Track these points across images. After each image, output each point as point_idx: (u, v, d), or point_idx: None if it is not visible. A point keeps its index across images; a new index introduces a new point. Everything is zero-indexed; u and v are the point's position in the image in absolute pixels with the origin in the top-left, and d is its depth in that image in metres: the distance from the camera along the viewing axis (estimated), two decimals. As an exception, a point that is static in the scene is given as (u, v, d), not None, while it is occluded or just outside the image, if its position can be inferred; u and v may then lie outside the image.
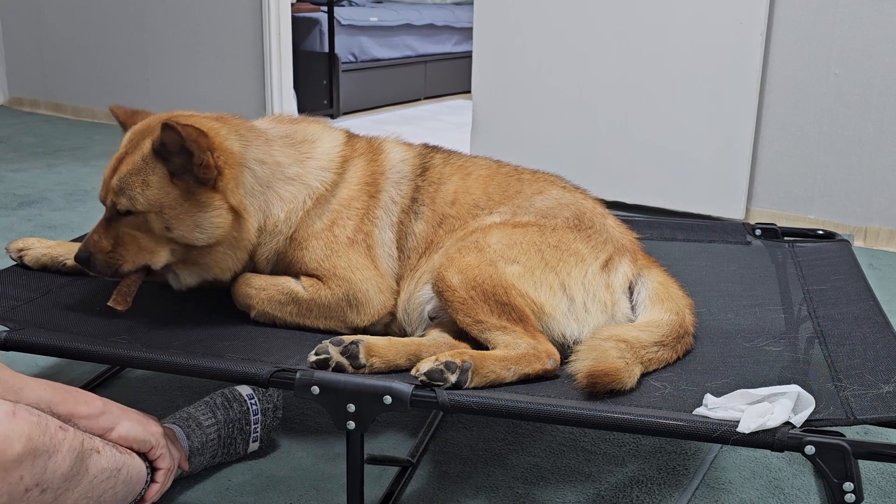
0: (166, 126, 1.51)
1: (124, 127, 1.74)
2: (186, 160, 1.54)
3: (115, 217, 1.60)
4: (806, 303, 1.82)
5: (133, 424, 1.39)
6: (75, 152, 4.50)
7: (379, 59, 6.29)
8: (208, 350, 1.55)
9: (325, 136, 1.79)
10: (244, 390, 1.71)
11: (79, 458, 1.22)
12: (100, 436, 1.34)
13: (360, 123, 5.67)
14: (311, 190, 1.69)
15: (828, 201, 3.42)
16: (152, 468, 1.44)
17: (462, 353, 1.42)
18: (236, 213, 1.61)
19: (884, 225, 3.34)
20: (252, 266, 1.71)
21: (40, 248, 1.89)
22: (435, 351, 1.50)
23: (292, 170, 1.69)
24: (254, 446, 1.72)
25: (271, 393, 1.73)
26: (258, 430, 1.71)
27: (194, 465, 1.62)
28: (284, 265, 1.70)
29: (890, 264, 3.12)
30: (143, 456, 1.42)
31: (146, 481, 1.42)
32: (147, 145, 1.57)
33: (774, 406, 1.25)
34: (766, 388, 1.29)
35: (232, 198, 1.60)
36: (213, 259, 1.64)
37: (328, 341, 1.46)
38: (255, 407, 1.70)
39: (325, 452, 1.78)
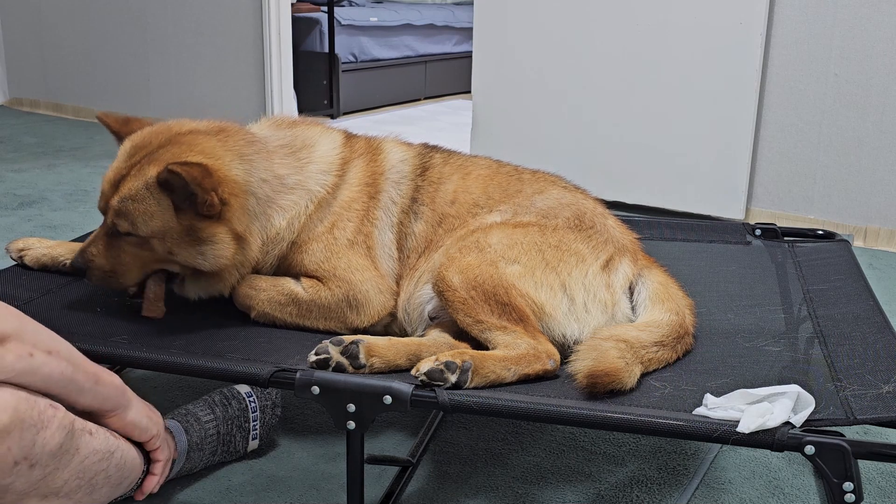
0: (170, 170, 1.49)
1: (117, 135, 1.71)
2: (191, 198, 1.53)
3: (115, 233, 1.59)
4: (806, 303, 1.82)
5: (140, 409, 1.40)
6: (76, 152, 4.51)
7: (379, 59, 6.29)
8: (208, 350, 1.56)
9: (324, 138, 1.78)
10: (242, 388, 1.72)
11: (69, 436, 1.21)
12: (112, 411, 1.34)
13: (360, 124, 5.67)
14: (311, 195, 1.69)
15: (828, 201, 3.42)
16: (149, 460, 1.44)
17: (462, 353, 1.43)
18: (240, 238, 1.60)
19: (883, 225, 3.34)
20: (254, 269, 1.70)
21: (40, 248, 1.89)
22: (435, 351, 1.50)
23: (292, 179, 1.69)
24: (253, 444, 1.72)
25: (270, 390, 1.74)
26: (257, 427, 1.71)
27: (194, 462, 1.62)
28: (286, 267, 1.70)
29: (890, 264, 3.12)
30: (140, 447, 1.42)
31: (142, 471, 1.42)
32: (151, 173, 1.54)
33: (774, 406, 1.25)
34: (766, 388, 1.29)
35: (238, 226, 1.59)
36: (216, 278, 1.64)
37: (328, 341, 1.46)
38: (253, 404, 1.71)
39: (325, 452, 1.78)
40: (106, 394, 1.31)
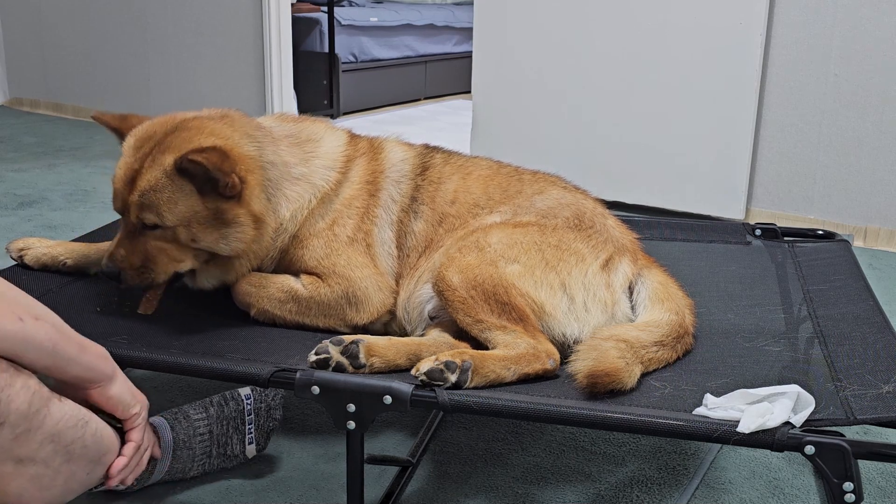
0: (189, 160, 1.49)
1: (118, 132, 1.70)
2: (212, 182, 1.53)
3: (139, 230, 1.59)
4: (806, 303, 1.82)
5: (124, 384, 1.36)
6: (76, 152, 4.51)
7: (379, 59, 6.29)
8: (208, 350, 1.55)
9: (329, 135, 1.79)
10: (244, 391, 1.70)
11: (36, 396, 1.18)
12: (97, 382, 1.30)
13: (360, 123, 5.67)
14: (316, 189, 1.70)
15: (828, 201, 3.42)
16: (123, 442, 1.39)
17: (462, 352, 1.43)
18: (258, 220, 1.60)
19: (883, 225, 3.34)
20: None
21: (41, 247, 1.89)
22: (435, 351, 1.50)
23: (298, 169, 1.69)
24: (251, 449, 1.69)
25: (267, 393, 1.72)
26: (252, 430, 1.69)
27: (184, 462, 1.60)
28: (286, 263, 1.71)
29: (890, 264, 3.12)
30: (118, 430, 1.38)
31: (117, 454, 1.38)
32: (168, 161, 1.54)
33: (774, 406, 1.25)
34: (766, 388, 1.29)
35: (256, 205, 1.59)
36: (233, 263, 1.64)
37: (328, 341, 1.46)
38: (249, 407, 1.69)
39: (325, 452, 1.78)
40: (92, 363, 1.28)
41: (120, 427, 1.39)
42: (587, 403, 1.36)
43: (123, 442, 1.40)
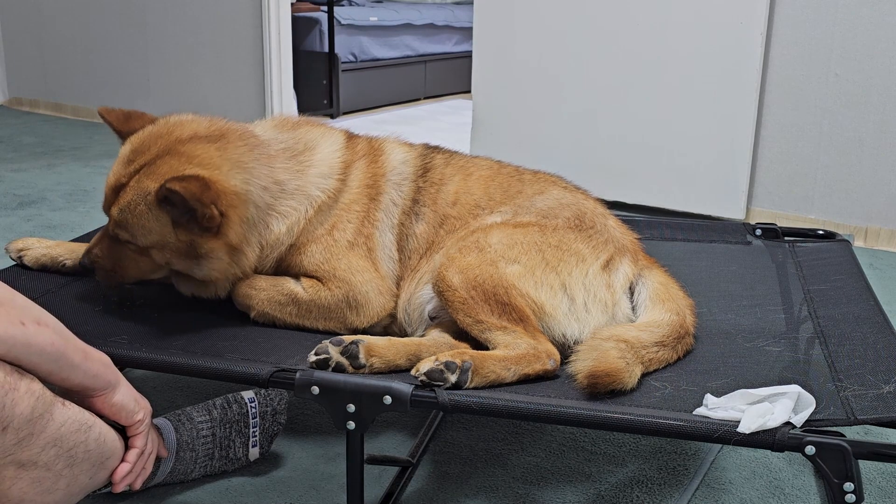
0: (168, 188, 1.49)
1: (119, 133, 1.70)
2: (190, 212, 1.53)
3: (117, 237, 1.60)
4: (806, 303, 1.82)
5: (127, 391, 1.36)
6: (75, 152, 4.51)
7: (379, 59, 6.29)
8: (208, 350, 1.55)
9: (326, 140, 1.78)
10: (247, 394, 1.70)
11: (40, 401, 1.18)
12: (101, 389, 1.30)
13: (360, 123, 5.67)
14: (311, 199, 1.69)
15: (828, 201, 3.42)
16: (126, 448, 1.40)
17: (462, 353, 1.42)
18: (235, 250, 1.61)
19: (884, 225, 3.34)
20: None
21: (40, 248, 1.89)
22: (435, 351, 1.50)
23: (293, 184, 1.68)
24: (254, 452, 1.69)
25: (272, 397, 1.72)
26: (257, 433, 1.69)
27: (186, 464, 1.60)
28: (285, 267, 1.70)
29: (890, 264, 3.12)
30: (122, 434, 1.39)
31: (121, 460, 1.38)
32: (150, 188, 1.54)
33: (775, 406, 1.25)
34: (767, 389, 1.29)
35: (234, 237, 1.59)
36: (211, 285, 1.66)
37: (328, 341, 1.46)
38: (254, 410, 1.69)
39: (325, 452, 1.78)
40: (95, 371, 1.28)
41: (123, 427, 1.39)
42: (587, 404, 1.36)
43: (127, 443, 1.40)
